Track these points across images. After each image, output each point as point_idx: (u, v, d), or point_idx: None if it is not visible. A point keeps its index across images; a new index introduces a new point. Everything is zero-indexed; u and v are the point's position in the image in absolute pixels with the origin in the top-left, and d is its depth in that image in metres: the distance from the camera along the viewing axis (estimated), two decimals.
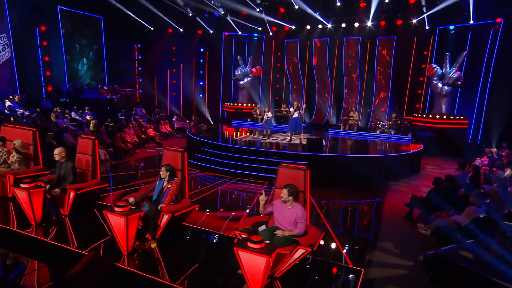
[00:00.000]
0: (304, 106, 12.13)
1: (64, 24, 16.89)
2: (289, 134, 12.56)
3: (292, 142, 11.98)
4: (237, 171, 9.92)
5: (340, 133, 15.47)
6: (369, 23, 17.34)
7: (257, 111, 17.69)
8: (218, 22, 19.28)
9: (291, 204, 4.51)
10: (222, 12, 16.83)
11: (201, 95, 21.74)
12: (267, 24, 18.69)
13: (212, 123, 20.85)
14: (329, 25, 18.03)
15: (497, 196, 5.99)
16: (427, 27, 16.56)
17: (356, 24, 17.47)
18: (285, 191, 4.46)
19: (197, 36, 20.69)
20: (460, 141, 15.08)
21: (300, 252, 4.19)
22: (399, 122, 15.35)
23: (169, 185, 5.39)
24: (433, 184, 7.06)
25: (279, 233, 4.41)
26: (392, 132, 14.93)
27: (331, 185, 9.25)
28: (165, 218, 5.06)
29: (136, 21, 18.97)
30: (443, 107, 15.92)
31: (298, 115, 11.70)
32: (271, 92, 20.93)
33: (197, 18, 18.49)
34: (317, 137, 11.31)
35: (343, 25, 17.75)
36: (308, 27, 18.45)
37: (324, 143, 12.34)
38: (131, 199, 5.29)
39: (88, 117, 15.03)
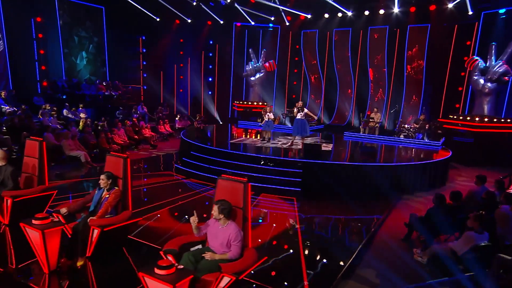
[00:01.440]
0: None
1: (62, 15, 17.43)
2: (295, 138, 12.16)
3: (293, 146, 11.64)
4: None
5: (357, 137, 14.90)
6: (396, 10, 16.59)
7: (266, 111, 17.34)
8: (228, 12, 19.22)
9: (224, 223, 4.26)
10: (229, 0, 16.72)
11: (210, 92, 21.80)
12: (282, 13, 18.39)
13: (221, 123, 20.83)
14: (349, 13, 17.47)
15: (505, 220, 5.38)
16: (470, 12, 15.58)
17: (382, 11, 16.78)
18: (215, 207, 4.22)
19: (206, 27, 20.79)
20: (506, 148, 14.02)
21: (226, 280, 3.90)
22: (428, 125, 14.54)
23: (108, 195, 5.28)
24: (433, 202, 6.49)
25: (208, 256, 4.16)
26: (425, 138, 14.14)
27: (327, 198, 8.89)
28: (96, 232, 4.94)
29: (141, 12, 19.28)
30: (485, 107, 14.90)
31: (302, 116, 11.31)
32: (287, 90, 20.62)
33: (205, 8, 18.51)
34: (315, 142, 10.90)
35: (366, 12, 17.13)
36: (326, 15, 17.98)
37: (329, 148, 11.91)
38: (64, 210, 5.23)
39: (82, 115, 15.35)
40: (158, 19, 20.30)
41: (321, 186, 9.07)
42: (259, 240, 6.41)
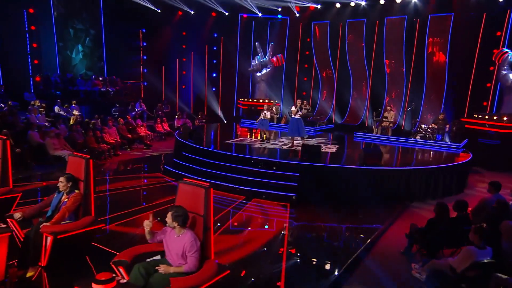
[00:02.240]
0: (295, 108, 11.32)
1: (56, 6, 17.63)
2: (294, 139, 11.96)
3: (294, 148, 11.41)
4: (214, 181, 9.56)
5: (368, 138, 14.56)
6: None
7: (273, 109, 17.18)
8: (234, 2, 19.13)
9: (179, 231, 4.10)
10: None
11: (214, 89, 21.77)
12: (290, 2, 18.18)
13: (225, 122, 20.75)
14: (363, 3, 17.18)
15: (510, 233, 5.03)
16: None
17: (399, 0, 16.38)
18: (169, 215, 4.08)
19: (210, 19, 20.79)
20: None
21: None
22: (448, 125, 14.09)
23: (67, 199, 5.18)
24: (434, 211, 6.17)
25: (161, 268, 4.00)
26: (447, 139, 13.73)
27: (324, 204, 8.65)
28: (49, 240, 4.83)
29: (141, 3, 19.30)
30: None
31: (300, 115, 11.07)
32: (297, 86, 20.45)
33: None
34: (316, 143, 10.67)
35: (382, 1, 16.78)
36: (338, 5, 17.75)
37: (333, 150, 11.68)
38: (17, 215, 5.15)
39: (75, 112, 15.49)
40: (159, 11, 20.28)
41: (319, 191, 8.84)
42: (236, 250, 6.22)
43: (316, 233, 7.38)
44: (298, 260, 6.11)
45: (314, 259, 6.19)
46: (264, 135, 12.71)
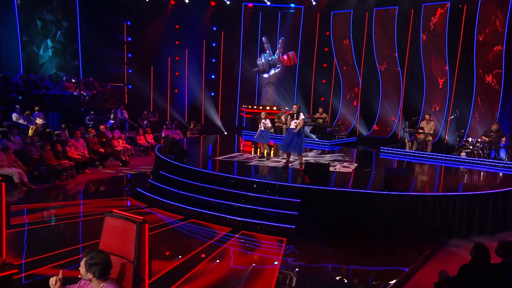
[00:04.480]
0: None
1: None
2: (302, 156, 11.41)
3: (289, 166, 10.93)
4: (194, 208, 9.21)
5: (398, 155, 14.12)
6: None
7: (282, 118, 16.83)
8: None
9: (97, 285, 3.60)
10: None
11: (212, 94, 21.72)
12: None
13: (225, 133, 20.72)
14: None
15: None
16: None
17: None
18: (82, 262, 3.58)
19: (209, 9, 20.83)
20: None
21: None
22: (504, 138, 13.49)
23: None
24: (471, 255, 5.53)
25: None
26: (505, 157, 13.34)
27: (334, 240, 8.23)
28: None
29: None
30: None
31: (297, 125, 10.33)
32: (313, 90, 20.40)
33: None
34: (328, 160, 10.17)
35: None
36: None
37: (349, 170, 11.30)
38: None
39: (38, 121, 15.34)
40: None
41: (325, 222, 8.45)
42: None
43: (316, 279, 6.81)
44: None
45: None
46: (265, 150, 12.23)
